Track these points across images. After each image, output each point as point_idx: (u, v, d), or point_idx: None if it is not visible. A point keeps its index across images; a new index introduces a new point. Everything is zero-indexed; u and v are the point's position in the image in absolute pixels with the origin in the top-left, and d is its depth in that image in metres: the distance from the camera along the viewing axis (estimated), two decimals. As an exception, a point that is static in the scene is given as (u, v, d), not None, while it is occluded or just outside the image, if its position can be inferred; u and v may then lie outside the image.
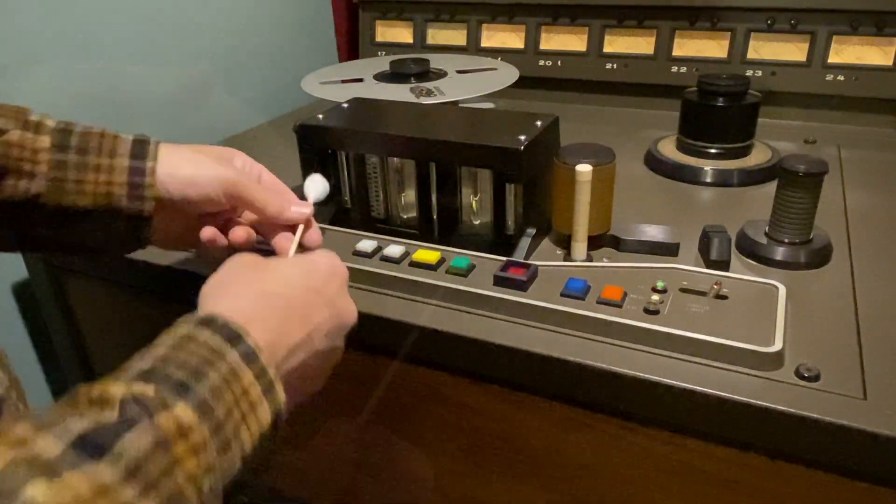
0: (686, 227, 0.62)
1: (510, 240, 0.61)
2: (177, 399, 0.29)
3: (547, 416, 0.52)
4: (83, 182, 0.46)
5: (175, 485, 0.27)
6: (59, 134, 0.46)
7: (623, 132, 0.94)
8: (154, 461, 0.27)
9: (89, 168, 0.46)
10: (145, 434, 0.27)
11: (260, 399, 0.33)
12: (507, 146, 0.57)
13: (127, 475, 0.26)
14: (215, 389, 0.31)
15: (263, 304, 0.37)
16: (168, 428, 0.28)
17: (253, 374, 0.33)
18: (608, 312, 0.49)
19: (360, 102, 0.72)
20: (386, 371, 0.58)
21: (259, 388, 0.33)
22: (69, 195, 0.46)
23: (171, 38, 0.93)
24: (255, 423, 0.32)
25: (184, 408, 0.29)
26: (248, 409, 0.32)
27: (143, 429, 0.27)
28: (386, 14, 1.18)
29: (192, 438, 0.29)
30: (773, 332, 0.46)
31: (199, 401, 0.30)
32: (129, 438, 0.26)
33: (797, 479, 0.45)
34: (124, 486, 0.25)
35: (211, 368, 0.31)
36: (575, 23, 1.05)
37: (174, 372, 0.30)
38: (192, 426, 0.29)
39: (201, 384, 0.30)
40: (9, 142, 0.44)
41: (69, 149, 0.46)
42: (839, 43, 0.90)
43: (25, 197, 0.45)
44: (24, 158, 0.45)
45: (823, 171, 0.55)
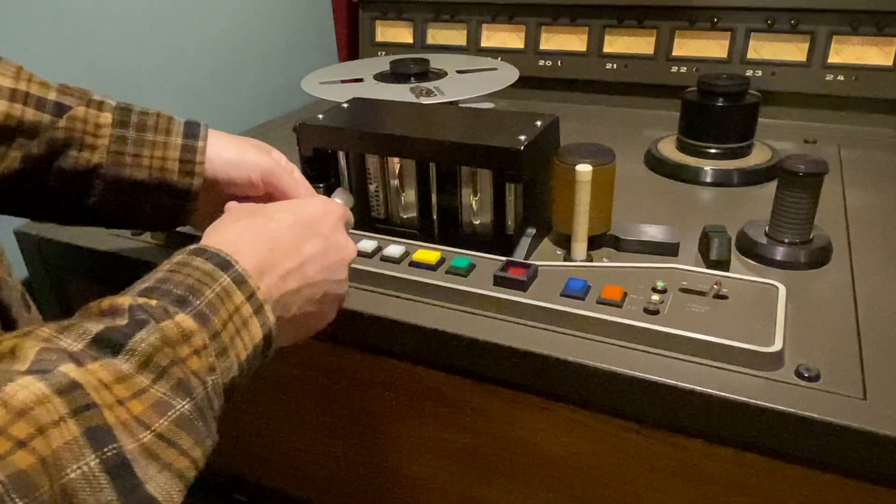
0: (686, 227, 0.62)
1: (510, 240, 0.61)
2: (178, 309, 0.33)
3: (547, 416, 0.52)
4: (140, 156, 0.49)
5: (183, 375, 0.31)
6: (120, 112, 0.50)
7: (623, 132, 0.94)
8: (163, 354, 0.30)
9: (146, 144, 0.50)
10: (153, 333, 0.31)
11: (251, 316, 0.36)
12: (507, 146, 0.57)
13: (140, 367, 0.29)
14: (210, 304, 0.34)
15: (251, 236, 0.40)
16: (172, 331, 0.31)
17: (244, 295, 0.36)
18: (608, 312, 0.49)
19: (360, 102, 0.72)
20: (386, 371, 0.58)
21: (250, 307, 0.36)
22: (127, 167, 0.49)
23: (171, 38, 0.93)
24: (247, 336, 0.36)
25: (184, 317, 0.33)
26: (241, 324, 0.35)
27: (151, 329, 0.31)
28: (386, 14, 1.18)
29: (193, 342, 0.32)
30: (773, 332, 0.46)
31: (197, 311, 0.33)
32: (140, 336, 0.30)
33: (797, 479, 0.45)
34: (139, 375, 0.29)
35: (206, 287, 0.35)
36: (575, 23, 1.05)
37: (173, 289, 0.34)
38: (192, 331, 0.32)
39: (198, 299, 0.34)
40: (74, 116, 0.48)
41: (129, 125, 0.50)
42: (839, 43, 0.90)
43: (87, 167, 0.48)
44: (88, 132, 0.48)
45: (823, 171, 0.55)
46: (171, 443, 0.29)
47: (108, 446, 0.27)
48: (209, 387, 0.33)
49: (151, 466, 0.28)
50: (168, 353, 0.31)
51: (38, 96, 0.47)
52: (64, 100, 0.48)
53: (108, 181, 0.49)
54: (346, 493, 0.70)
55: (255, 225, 0.42)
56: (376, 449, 0.64)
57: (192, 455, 0.30)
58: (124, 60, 0.87)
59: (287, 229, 0.42)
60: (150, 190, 0.50)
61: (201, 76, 0.99)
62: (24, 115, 0.46)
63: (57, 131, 0.47)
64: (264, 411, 0.69)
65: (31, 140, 0.46)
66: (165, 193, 0.50)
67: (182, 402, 0.30)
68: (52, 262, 0.72)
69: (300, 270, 0.41)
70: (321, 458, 0.69)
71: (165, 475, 0.29)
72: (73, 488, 0.25)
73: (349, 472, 0.68)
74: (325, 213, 0.46)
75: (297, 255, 0.41)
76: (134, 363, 0.29)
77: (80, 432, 0.26)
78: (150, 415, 0.29)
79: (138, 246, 0.65)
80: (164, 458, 0.29)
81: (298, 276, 0.41)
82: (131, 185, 0.49)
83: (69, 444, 0.25)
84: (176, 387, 0.30)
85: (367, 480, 0.67)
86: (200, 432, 0.31)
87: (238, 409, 0.70)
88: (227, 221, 0.42)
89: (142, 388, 0.29)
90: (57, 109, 0.47)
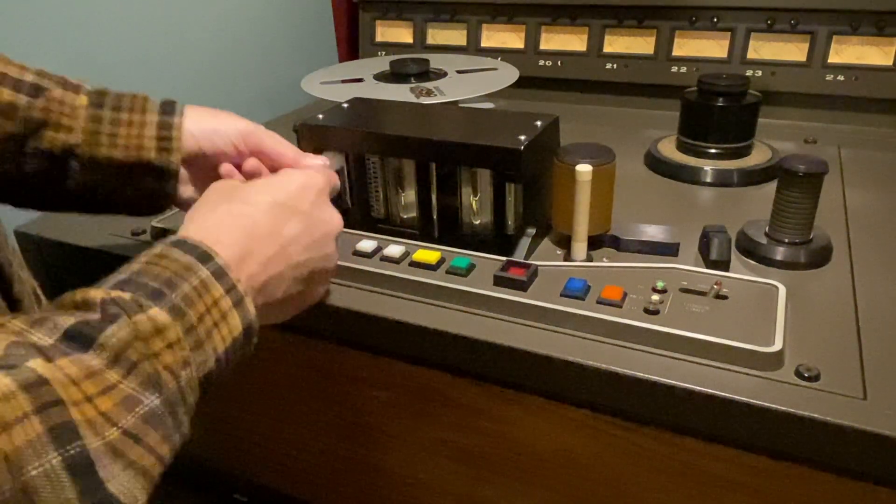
0: (686, 227, 0.62)
1: (510, 240, 0.61)
2: (151, 303, 0.32)
3: (547, 416, 0.52)
4: (116, 135, 0.49)
5: (154, 370, 0.31)
6: (96, 94, 0.50)
7: (623, 132, 0.94)
8: (134, 349, 0.30)
9: (122, 123, 0.49)
10: (124, 328, 0.30)
11: (230, 309, 0.36)
12: (507, 146, 0.57)
13: (110, 362, 0.29)
14: (186, 298, 0.34)
15: (230, 223, 0.40)
16: (144, 325, 0.31)
17: (223, 288, 0.36)
18: (608, 312, 0.49)
19: (360, 102, 0.72)
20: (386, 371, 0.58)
21: (230, 300, 0.36)
22: (103, 147, 0.49)
23: (170, 37, 0.93)
24: (226, 329, 0.35)
25: (158, 311, 0.32)
26: (220, 318, 0.35)
27: (122, 324, 0.30)
28: (386, 14, 1.18)
29: (166, 335, 0.32)
30: (773, 332, 0.46)
31: (172, 305, 0.33)
32: (111, 331, 0.30)
33: (797, 479, 0.45)
34: (109, 370, 0.29)
35: (183, 281, 0.34)
36: (575, 23, 1.05)
37: (149, 282, 0.33)
38: (166, 325, 0.32)
39: (174, 292, 0.33)
40: (51, 97, 0.48)
41: (104, 106, 0.50)
42: (839, 43, 0.90)
43: (63, 148, 0.48)
44: (64, 113, 0.48)
45: (823, 171, 0.55)
46: (138, 439, 0.29)
47: (71, 444, 0.26)
48: (182, 381, 0.32)
49: (116, 464, 0.28)
50: (139, 347, 0.30)
51: (15, 78, 0.47)
52: (41, 82, 0.48)
53: (85, 161, 0.49)
54: (346, 493, 0.70)
55: (233, 211, 0.41)
56: (376, 449, 0.64)
57: (159, 452, 0.30)
58: (123, 60, 0.87)
59: (265, 213, 0.42)
60: (129, 170, 0.49)
61: (201, 76, 0.99)
62: (1, 95, 0.46)
63: (33, 111, 0.47)
64: (264, 411, 0.69)
65: (8, 120, 0.46)
66: (144, 173, 0.50)
67: (151, 397, 0.30)
68: (52, 262, 0.72)
69: (282, 253, 0.41)
70: (321, 458, 0.69)
71: (129, 473, 0.28)
72: (35, 486, 0.25)
73: (349, 472, 0.68)
74: (303, 187, 0.45)
75: (278, 238, 0.41)
76: (104, 358, 0.29)
77: (43, 430, 0.26)
78: (118, 411, 0.29)
79: (139, 246, 0.65)
80: (130, 455, 0.28)
81: (281, 260, 0.41)
82: (108, 165, 0.49)
83: (32, 441, 0.25)
84: (146, 382, 0.30)
85: (366, 480, 0.67)
86: (169, 428, 0.31)
87: (238, 409, 0.71)
88: (205, 209, 0.42)
89: (111, 383, 0.29)
90: (34, 91, 0.47)
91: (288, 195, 0.44)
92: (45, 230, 0.70)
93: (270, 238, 0.41)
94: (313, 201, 0.45)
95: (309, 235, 0.43)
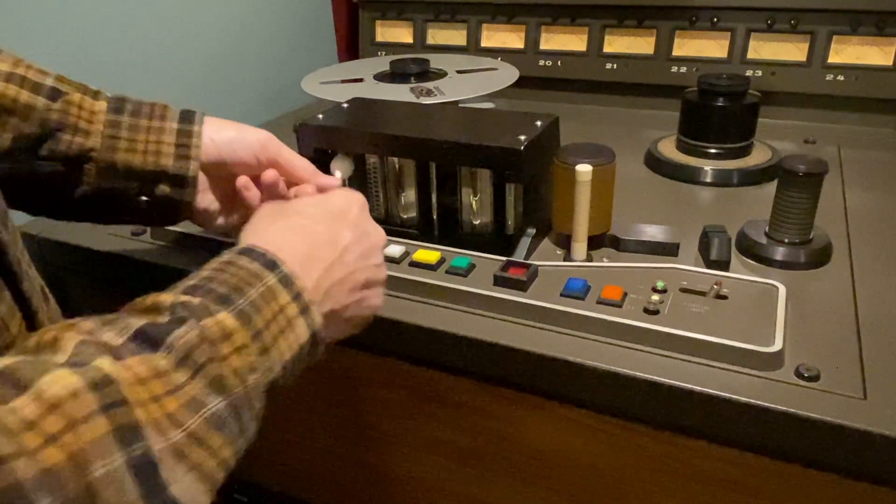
0: (686, 227, 0.62)
1: (510, 240, 0.61)
2: (219, 307, 0.33)
3: (547, 416, 0.52)
4: (135, 141, 0.49)
5: (220, 373, 0.31)
6: (115, 100, 0.50)
7: (623, 132, 0.94)
8: (201, 351, 0.30)
9: (141, 129, 0.49)
10: (193, 330, 0.31)
11: (296, 317, 0.36)
12: (507, 146, 0.57)
13: (178, 363, 0.30)
14: (253, 304, 0.34)
15: (290, 235, 0.41)
16: (212, 329, 0.32)
17: (290, 295, 0.36)
18: (608, 312, 0.49)
19: (360, 102, 0.72)
20: (386, 371, 0.58)
21: (296, 307, 0.36)
22: (120, 152, 0.48)
23: (170, 38, 0.93)
24: (292, 336, 0.35)
25: (225, 315, 0.32)
26: (286, 324, 0.35)
27: (191, 326, 0.31)
28: (386, 14, 1.18)
29: (233, 340, 0.32)
30: (773, 332, 0.46)
31: (239, 311, 0.33)
32: (179, 333, 0.30)
33: (797, 479, 0.45)
34: (176, 371, 0.29)
35: (250, 287, 0.35)
36: (575, 23, 1.05)
37: (217, 287, 0.34)
38: (233, 330, 0.32)
39: (242, 298, 0.34)
40: (70, 101, 0.48)
41: (124, 112, 0.49)
42: (839, 43, 0.90)
43: (79, 152, 0.48)
44: (83, 118, 0.48)
45: (823, 171, 0.55)
46: (201, 442, 0.29)
47: (135, 445, 0.26)
48: (249, 385, 0.32)
49: (179, 467, 0.28)
50: (207, 349, 0.31)
51: (35, 81, 0.47)
52: (61, 86, 0.48)
53: (101, 166, 0.48)
54: (346, 493, 0.70)
55: (291, 224, 0.42)
56: (376, 449, 0.64)
57: (222, 455, 0.30)
58: (123, 60, 0.87)
59: (321, 223, 0.43)
60: (145, 177, 0.49)
61: (201, 76, 0.99)
62: (19, 96, 0.46)
63: (51, 113, 0.47)
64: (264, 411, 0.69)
65: (24, 122, 0.46)
66: (161, 181, 0.49)
67: (217, 399, 0.30)
68: (52, 263, 0.72)
69: (341, 261, 0.41)
70: (321, 458, 0.69)
71: (192, 476, 0.28)
72: (98, 487, 0.25)
73: (349, 472, 0.68)
74: (349, 202, 0.46)
75: (336, 246, 0.42)
76: (172, 359, 0.29)
77: (109, 429, 0.26)
78: (184, 413, 0.29)
79: (139, 246, 0.65)
80: (193, 458, 0.28)
81: (340, 266, 0.41)
82: (125, 170, 0.48)
83: (97, 441, 0.25)
84: (211, 384, 0.30)
85: (367, 480, 0.67)
86: (233, 432, 0.31)
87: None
88: (262, 224, 0.42)
89: (178, 384, 0.29)
90: (53, 94, 0.47)
91: (338, 208, 0.45)
92: (45, 230, 0.70)
93: (330, 245, 0.41)
94: (358, 214, 0.46)
95: (360, 244, 0.43)
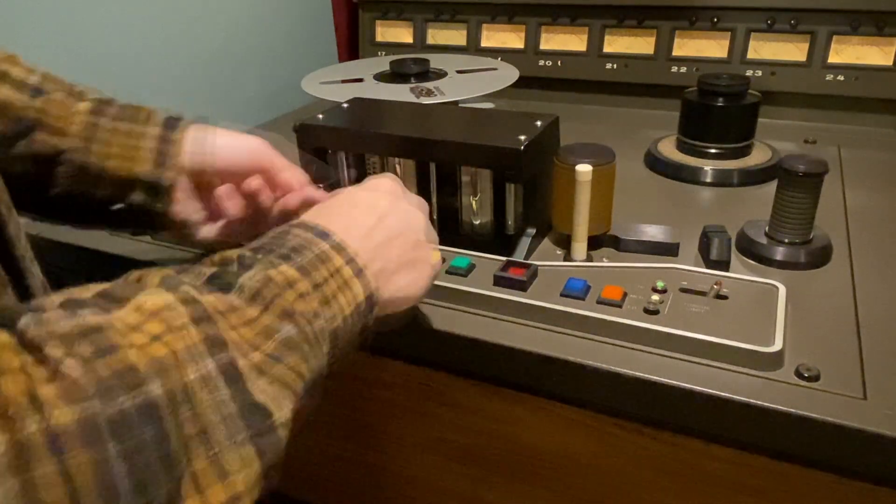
0: (686, 227, 0.62)
1: (510, 240, 0.61)
2: (281, 261, 0.35)
3: (547, 416, 0.52)
4: (111, 144, 0.48)
5: (289, 306, 0.33)
6: (99, 102, 0.49)
7: (623, 132, 0.94)
8: (269, 290, 0.33)
9: (120, 132, 0.48)
10: (260, 272, 0.33)
11: (351, 278, 0.37)
12: (507, 146, 0.57)
13: (250, 300, 0.32)
14: (312, 262, 0.36)
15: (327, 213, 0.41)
16: (277, 277, 0.33)
17: (343, 259, 0.37)
18: (608, 312, 0.49)
19: (360, 102, 0.72)
20: (386, 371, 0.58)
21: (350, 270, 0.37)
22: (94, 155, 0.47)
23: (170, 37, 0.93)
24: (349, 294, 0.37)
25: (287, 267, 0.34)
26: (343, 283, 0.37)
27: (258, 269, 0.33)
28: (386, 14, 1.18)
29: (297, 287, 0.34)
30: (773, 332, 0.46)
31: (300, 265, 0.35)
32: (248, 276, 0.33)
33: (797, 479, 0.45)
34: (248, 307, 0.32)
35: (307, 250, 0.36)
36: (575, 23, 1.05)
37: (277, 248, 0.36)
38: (296, 279, 0.34)
39: (300, 257, 0.36)
40: (51, 100, 0.47)
41: (105, 115, 0.48)
42: (839, 43, 0.90)
43: (53, 152, 0.47)
44: (62, 117, 0.47)
45: (823, 171, 0.55)
46: (279, 360, 0.31)
47: (222, 353, 0.29)
48: (315, 327, 0.34)
49: (261, 379, 0.30)
50: (274, 289, 0.33)
51: (19, 78, 0.46)
52: (45, 85, 0.47)
53: (73, 169, 0.47)
54: (346, 493, 0.70)
55: (326, 205, 0.43)
56: (376, 449, 0.64)
57: (299, 370, 0.32)
58: (123, 60, 0.87)
59: (354, 197, 0.43)
60: (117, 183, 0.48)
61: (201, 76, 0.99)
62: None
63: (28, 111, 0.46)
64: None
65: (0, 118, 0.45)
66: (135, 187, 0.48)
67: (288, 326, 0.32)
68: (51, 262, 0.72)
69: (381, 224, 0.42)
70: (321, 458, 0.69)
71: (275, 386, 0.30)
72: (195, 387, 0.27)
73: (349, 472, 0.68)
74: (378, 178, 0.46)
75: (374, 213, 0.42)
76: (244, 297, 0.32)
77: (200, 339, 0.28)
78: (259, 339, 0.31)
79: (139, 247, 0.65)
80: (273, 372, 0.31)
81: (382, 230, 0.42)
82: (97, 175, 0.47)
83: (191, 347, 0.28)
84: (282, 315, 0.32)
85: (367, 480, 0.67)
86: (306, 353, 0.33)
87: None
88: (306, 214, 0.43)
89: (251, 317, 0.31)
90: (35, 92, 0.46)
91: (371, 183, 0.45)
92: (46, 230, 0.70)
93: (368, 213, 0.42)
94: (392, 185, 0.46)
95: (399, 210, 0.44)
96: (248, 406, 0.29)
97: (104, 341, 0.25)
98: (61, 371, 0.24)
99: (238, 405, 0.28)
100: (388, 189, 0.45)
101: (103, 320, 0.26)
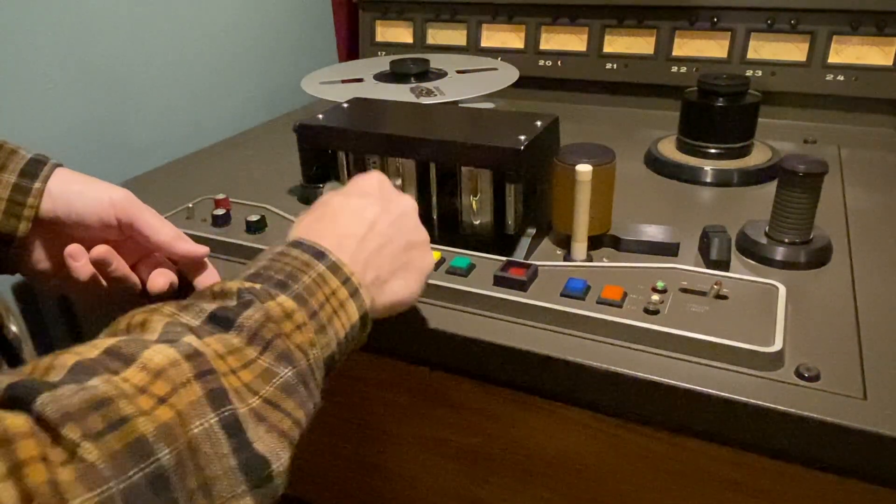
0: (686, 227, 0.62)
1: (510, 240, 0.61)
2: (279, 292, 0.36)
3: (547, 416, 0.52)
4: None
5: (286, 347, 0.34)
6: None
7: (623, 132, 0.94)
8: (268, 329, 0.34)
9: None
10: (258, 311, 0.34)
11: (347, 299, 0.39)
12: (507, 146, 0.57)
13: (249, 340, 0.33)
14: (308, 288, 0.37)
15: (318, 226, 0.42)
16: (275, 310, 0.35)
17: (339, 280, 0.39)
18: (608, 312, 0.49)
19: (360, 102, 0.72)
20: (386, 371, 0.58)
21: (346, 290, 0.39)
22: None
23: (170, 38, 0.93)
24: (344, 317, 0.38)
25: (284, 298, 0.36)
26: (338, 305, 0.38)
27: (256, 308, 0.34)
28: (386, 14, 1.18)
29: (294, 319, 0.35)
30: (773, 332, 0.46)
31: (296, 294, 0.36)
32: (247, 314, 0.33)
33: (797, 479, 0.45)
34: (248, 347, 0.33)
35: (303, 274, 0.38)
36: (575, 23, 1.05)
37: (274, 275, 0.37)
38: (293, 310, 0.35)
39: (297, 284, 0.37)
40: None
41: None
42: (839, 43, 0.90)
43: None
44: None
45: (823, 171, 0.55)
46: (276, 406, 0.32)
47: (224, 407, 0.30)
48: (311, 358, 0.35)
49: (260, 427, 0.31)
50: (272, 328, 0.34)
51: None
52: None
53: None
54: (346, 493, 0.70)
55: (318, 216, 0.43)
56: (376, 449, 0.64)
57: (296, 416, 0.33)
58: (123, 60, 0.87)
59: (344, 206, 0.44)
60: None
61: (201, 76, 0.99)
62: None
63: None
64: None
65: None
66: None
67: (286, 370, 0.33)
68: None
69: (372, 231, 0.43)
70: (321, 458, 0.69)
71: (272, 435, 0.32)
72: (198, 442, 0.28)
73: (349, 472, 0.68)
74: (369, 181, 0.47)
75: (364, 220, 0.43)
76: (243, 337, 0.33)
77: (202, 393, 0.29)
78: (258, 382, 0.32)
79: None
80: (271, 419, 0.32)
81: (374, 237, 0.43)
82: None
83: (194, 402, 0.29)
84: (280, 357, 0.33)
85: (367, 480, 0.67)
86: (302, 396, 0.34)
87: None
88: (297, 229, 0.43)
89: (250, 359, 0.32)
90: None
91: (356, 189, 0.46)
92: None
93: (358, 221, 0.43)
94: (380, 189, 0.46)
95: (389, 214, 0.44)
96: (248, 458, 0.30)
97: (114, 414, 0.26)
98: (79, 455, 0.24)
99: (238, 459, 0.29)
100: (375, 192, 0.45)
101: (113, 390, 0.27)
